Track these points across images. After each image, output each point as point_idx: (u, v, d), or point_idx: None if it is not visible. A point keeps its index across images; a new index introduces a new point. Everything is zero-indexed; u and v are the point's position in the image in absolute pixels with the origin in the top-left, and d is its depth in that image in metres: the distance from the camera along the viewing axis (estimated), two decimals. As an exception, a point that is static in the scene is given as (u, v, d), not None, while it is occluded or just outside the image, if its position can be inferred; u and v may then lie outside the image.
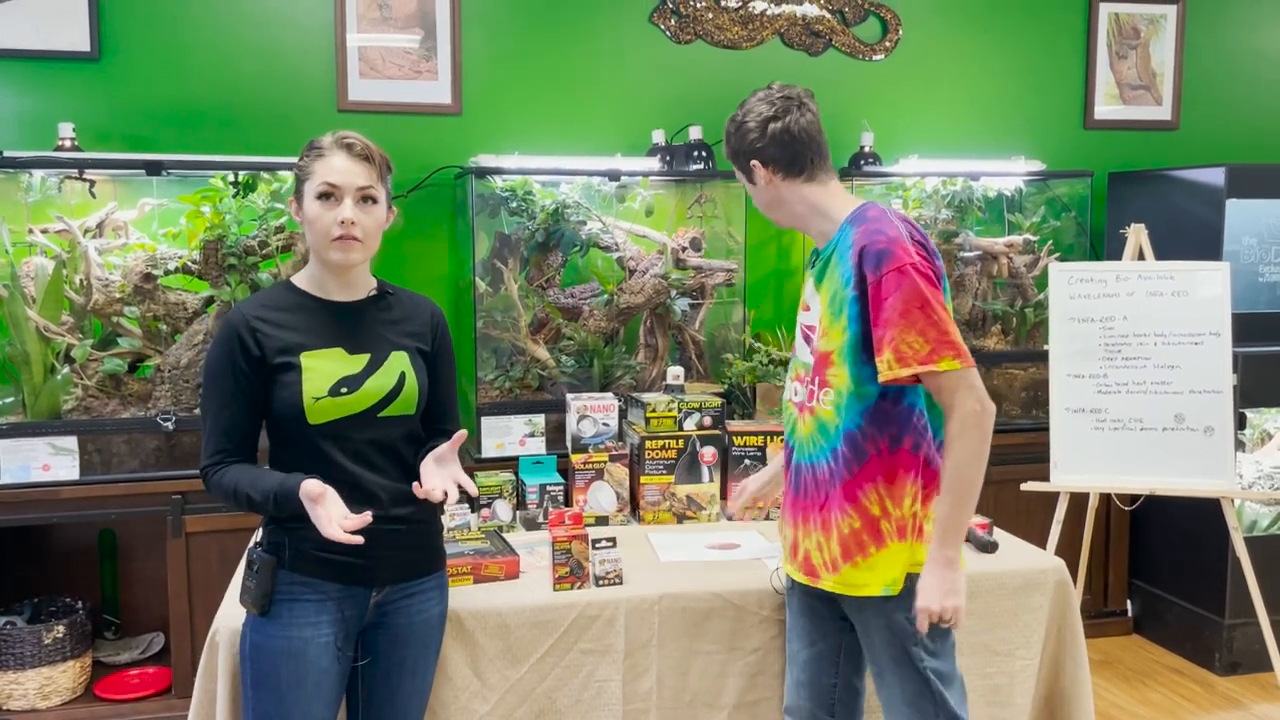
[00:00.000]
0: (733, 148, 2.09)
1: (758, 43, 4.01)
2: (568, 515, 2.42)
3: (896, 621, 1.98)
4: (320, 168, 1.90)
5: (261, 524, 1.97)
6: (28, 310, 3.11)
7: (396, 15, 3.66)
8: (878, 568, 1.97)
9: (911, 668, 1.99)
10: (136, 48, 3.49)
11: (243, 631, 1.95)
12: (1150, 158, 4.35)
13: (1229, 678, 3.70)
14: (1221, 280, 3.31)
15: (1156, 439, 3.35)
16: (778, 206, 2.09)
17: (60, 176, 3.21)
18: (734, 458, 2.94)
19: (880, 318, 1.89)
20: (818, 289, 2.05)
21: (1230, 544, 3.45)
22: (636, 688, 2.30)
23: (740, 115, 2.08)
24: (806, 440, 2.05)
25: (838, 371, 1.98)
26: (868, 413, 1.95)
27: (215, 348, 1.90)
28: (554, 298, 3.62)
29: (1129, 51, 4.37)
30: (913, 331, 1.87)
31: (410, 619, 1.99)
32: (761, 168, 2.04)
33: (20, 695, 3.11)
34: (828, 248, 2.04)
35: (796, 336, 2.15)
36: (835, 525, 1.99)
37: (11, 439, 3.06)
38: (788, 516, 2.13)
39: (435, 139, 3.71)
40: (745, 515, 2.79)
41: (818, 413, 2.02)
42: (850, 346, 1.95)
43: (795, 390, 2.11)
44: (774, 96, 2.06)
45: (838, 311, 1.97)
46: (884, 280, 1.88)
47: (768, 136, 2.03)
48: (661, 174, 3.71)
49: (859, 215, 2.00)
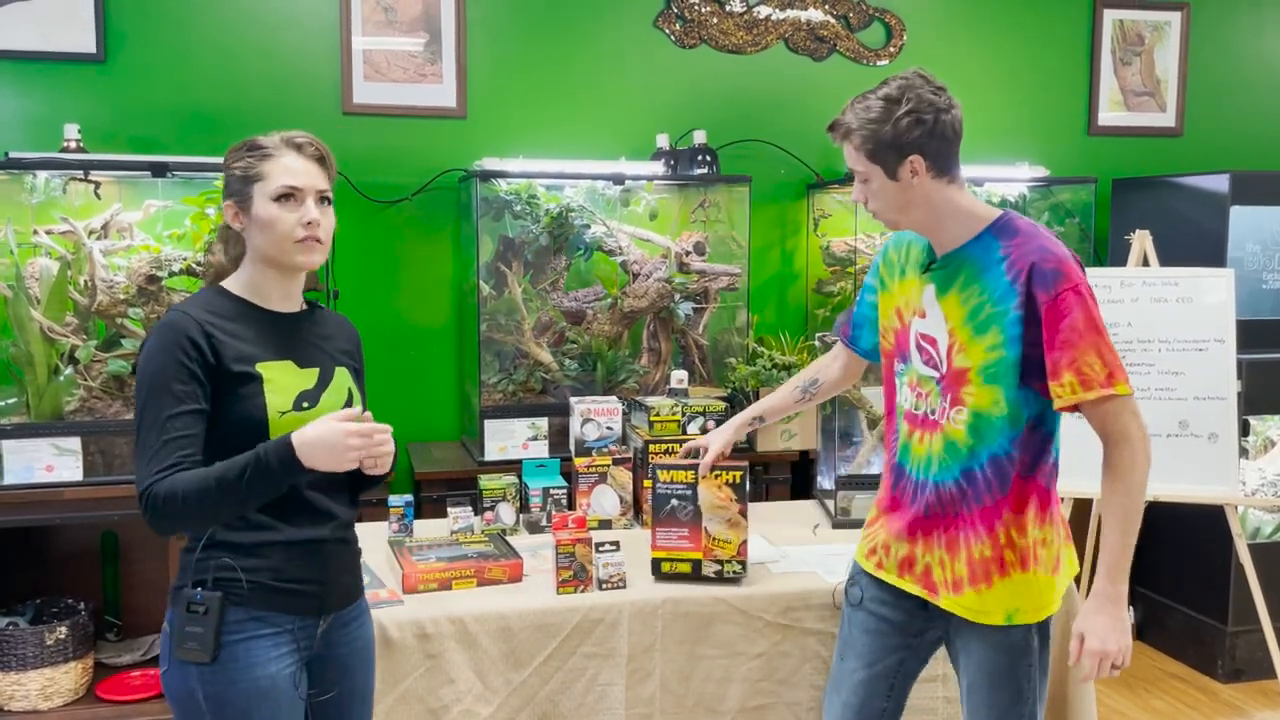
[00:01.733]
0: (882, 138, 1.84)
1: (762, 48, 4.01)
2: (571, 518, 2.41)
3: (1014, 651, 1.93)
4: (273, 169, 1.77)
5: (190, 562, 1.73)
6: (32, 311, 3.11)
7: (401, 18, 3.67)
8: (1002, 596, 1.90)
9: (1010, 697, 1.94)
10: (142, 50, 3.50)
11: (188, 688, 1.71)
12: (1154, 164, 4.35)
13: (1232, 685, 3.69)
14: (1226, 287, 3.31)
15: (1160, 445, 3.30)
16: (913, 207, 1.90)
17: (65, 178, 3.21)
18: (659, 496, 2.38)
19: (1057, 339, 1.79)
20: (940, 297, 1.92)
21: (1234, 551, 3.44)
22: (639, 692, 2.30)
23: (893, 104, 1.83)
24: (933, 457, 1.94)
25: (977, 391, 1.87)
26: (1018, 440, 1.86)
27: (160, 353, 1.69)
28: (558, 301, 3.62)
29: (1133, 58, 4.37)
30: (1092, 353, 1.79)
31: (351, 646, 1.88)
32: (921, 162, 1.84)
33: (22, 696, 3.10)
34: (957, 254, 1.91)
35: (910, 345, 1.99)
36: (965, 546, 1.91)
37: (15, 440, 3.06)
38: (898, 529, 2.00)
39: (440, 142, 3.71)
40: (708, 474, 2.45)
41: (947, 431, 1.91)
42: (1007, 368, 1.84)
43: (908, 398, 2.00)
44: (936, 85, 1.86)
45: (981, 328, 1.86)
46: (1059, 301, 1.79)
47: (938, 130, 1.84)
48: (665, 178, 3.71)
49: (1006, 225, 1.88)
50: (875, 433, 3.02)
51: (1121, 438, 1.83)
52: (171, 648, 1.71)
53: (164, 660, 1.75)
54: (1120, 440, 1.83)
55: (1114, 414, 1.82)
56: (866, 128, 1.85)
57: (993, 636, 1.93)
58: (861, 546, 2.11)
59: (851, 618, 2.11)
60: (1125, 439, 1.83)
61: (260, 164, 1.78)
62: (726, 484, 2.34)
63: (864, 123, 1.86)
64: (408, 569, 2.34)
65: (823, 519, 2.92)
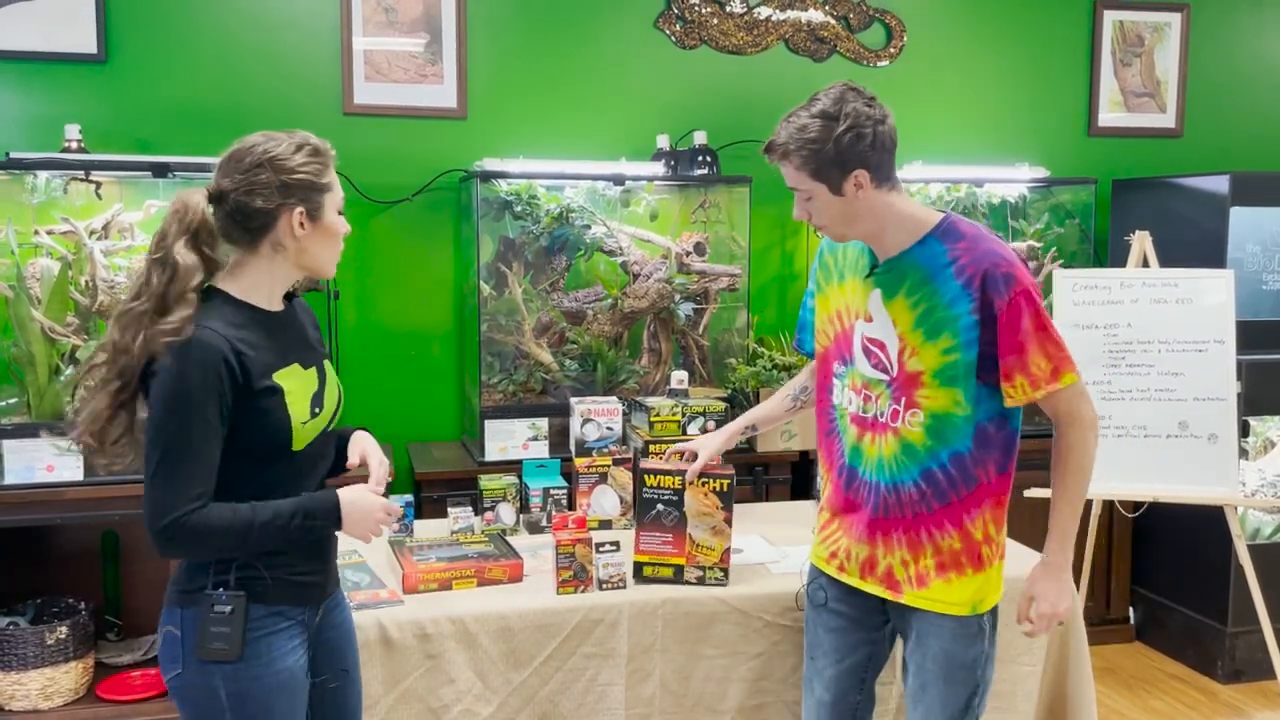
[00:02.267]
0: (825, 156, 1.85)
1: (762, 49, 4.02)
2: (571, 519, 2.42)
3: (970, 640, 1.98)
4: (334, 179, 1.76)
5: (208, 564, 1.72)
6: (33, 311, 3.11)
7: (402, 19, 3.67)
8: (970, 589, 1.96)
9: (963, 688, 1.99)
10: (143, 50, 3.50)
11: (209, 687, 1.71)
12: (1154, 165, 4.35)
13: (1231, 686, 3.70)
14: (1226, 288, 3.31)
15: (1160, 446, 3.34)
16: (858, 219, 1.92)
17: (66, 178, 3.22)
18: (644, 500, 2.37)
19: (1013, 342, 1.85)
20: (887, 302, 1.94)
21: (1233, 551, 3.45)
22: (639, 692, 2.30)
23: (845, 119, 1.83)
24: (888, 460, 1.96)
25: (933, 394, 1.91)
26: (976, 437, 1.92)
27: (195, 375, 1.62)
28: (558, 302, 3.63)
29: (1133, 59, 4.38)
30: (1039, 354, 1.86)
31: (336, 629, 1.91)
32: (865, 175, 1.86)
33: (23, 696, 3.11)
34: (901, 259, 1.93)
35: (853, 348, 2.02)
36: (930, 543, 1.96)
37: (16, 439, 3.07)
38: (858, 533, 2.02)
39: (440, 143, 3.71)
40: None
41: (903, 434, 1.94)
42: (964, 369, 1.89)
43: (851, 400, 2.02)
44: (868, 97, 1.88)
45: (933, 332, 1.89)
46: (1012, 305, 1.84)
47: (878, 141, 1.85)
48: (666, 179, 3.72)
49: (950, 229, 1.91)
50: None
51: (1072, 421, 1.94)
52: (188, 649, 1.71)
53: (175, 662, 1.73)
54: (1071, 423, 1.94)
55: (1064, 401, 1.92)
56: (807, 147, 1.86)
57: (953, 627, 1.98)
58: (819, 550, 2.14)
59: (816, 618, 2.16)
60: (1076, 421, 1.94)
61: (326, 172, 1.76)
62: (713, 491, 2.35)
63: (803, 143, 1.86)
64: (408, 569, 2.34)
65: (823, 519, 2.92)
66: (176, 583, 1.75)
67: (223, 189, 1.71)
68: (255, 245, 1.73)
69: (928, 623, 2.00)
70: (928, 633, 2.00)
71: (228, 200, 1.71)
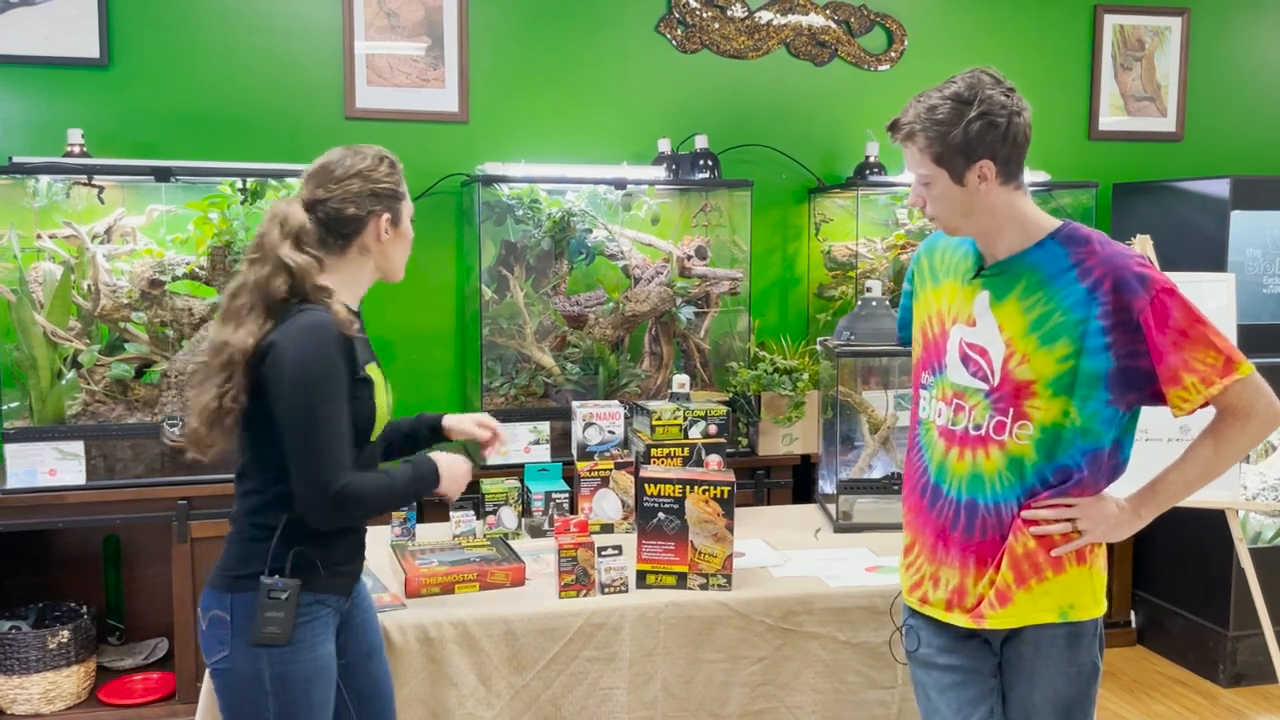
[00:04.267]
0: (951, 142, 1.75)
1: (764, 53, 4.02)
2: (573, 522, 2.42)
3: (1076, 662, 1.83)
4: (407, 190, 1.98)
5: (263, 551, 1.82)
6: (35, 315, 3.12)
7: (404, 23, 3.68)
8: (1054, 592, 1.81)
9: (1074, 715, 1.84)
10: (146, 55, 3.51)
11: (255, 670, 1.81)
12: (1154, 169, 4.36)
13: (1233, 690, 3.70)
14: (1227, 292, 3.31)
15: (1160, 450, 3.33)
16: (976, 213, 1.81)
17: (68, 182, 3.23)
18: (645, 509, 2.36)
19: (1167, 344, 1.71)
20: (996, 305, 1.83)
21: (1235, 555, 3.45)
22: (641, 695, 2.30)
23: (979, 104, 1.73)
24: (985, 476, 1.82)
25: (1045, 405, 1.77)
26: (1091, 454, 1.80)
27: (327, 352, 1.78)
28: (560, 305, 3.63)
29: (1134, 63, 4.38)
30: (1204, 348, 1.72)
31: (360, 609, 2.04)
32: (991, 167, 1.76)
33: (24, 700, 3.11)
34: (1016, 261, 1.82)
35: (946, 355, 1.89)
36: (1008, 549, 1.81)
37: (18, 444, 3.07)
38: (948, 557, 1.87)
39: (442, 147, 3.72)
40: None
41: (1009, 448, 1.80)
42: (1081, 379, 1.76)
43: (941, 413, 1.89)
44: (1007, 86, 1.76)
45: (1049, 338, 1.77)
46: (1156, 304, 1.72)
47: (1010, 134, 1.75)
48: (667, 182, 3.72)
49: (1074, 234, 1.81)
50: (876, 437, 3.03)
51: (1243, 414, 1.77)
52: (237, 632, 1.80)
53: (222, 645, 1.82)
54: (1240, 416, 1.77)
55: (1238, 394, 1.75)
56: (933, 129, 1.75)
57: (1050, 639, 1.82)
58: (905, 579, 1.98)
59: (923, 678, 1.96)
60: (1247, 415, 1.76)
61: (402, 183, 1.96)
62: (714, 498, 2.35)
63: (930, 124, 1.75)
64: (410, 573, 2.34)
65: (824, 523, 2.92)
66: (226, 569, 1.85)
67: (316, 198, 1.88)
68: (345, 249, 1.90)
69: (1027, 647, 1.84)
70: (1026, 659, 1.84)
71: (322, 208, 1.87)
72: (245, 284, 1.83)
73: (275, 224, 1.85)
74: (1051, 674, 1.84)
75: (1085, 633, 1.84)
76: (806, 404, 3.60)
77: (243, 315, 1.81)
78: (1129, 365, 1.75)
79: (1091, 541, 1.83)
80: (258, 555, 1.82)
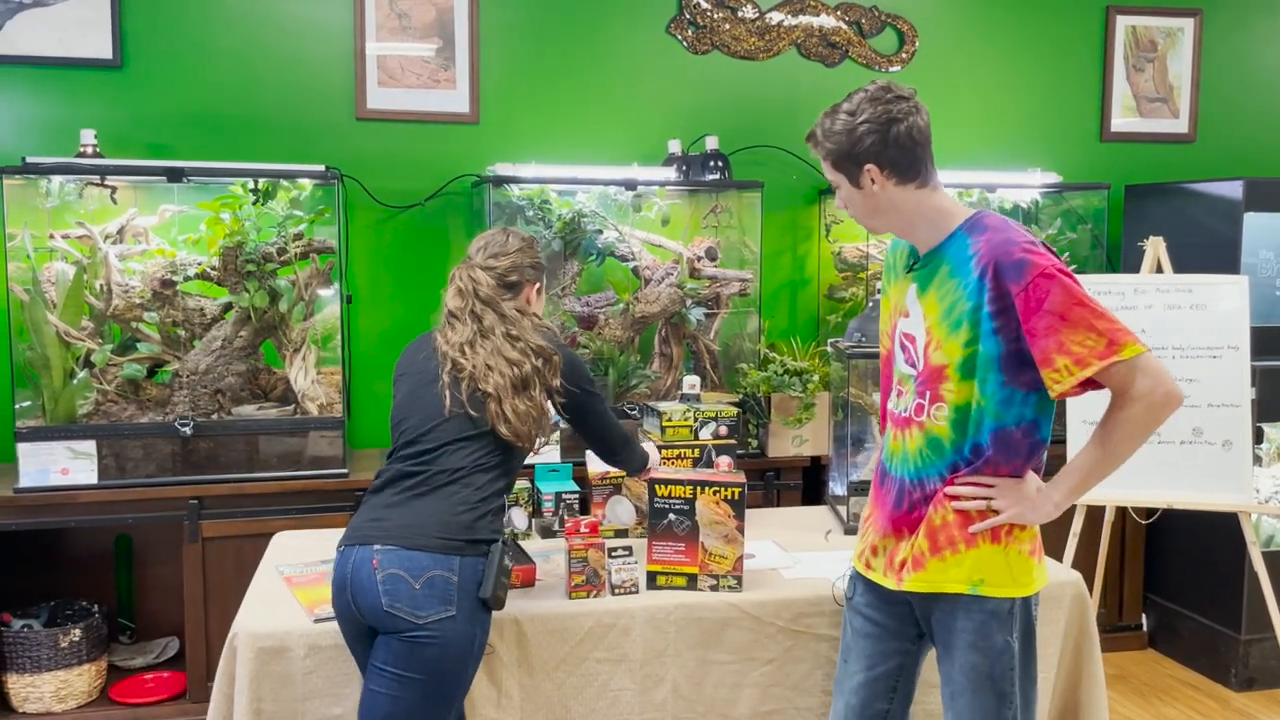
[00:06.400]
0: (840, 150, 1.93)
1: (774, 54, 4.02)
2: (584, 523, 2.42)
3: (989, 638, 1.91)
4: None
5: (486, 524, 2.06)
6: (48, 315, 3.13)
7: (415, 24, 3.68)
8: (965, 564, 1.91)
9: (991, 692, 1.92)
10: (158, 56, 3.52)
11: (472, 633, 2.01)
12: (1167, 171, 4.34)
13: (1245, 693, 3.68)
14: (1240, 293, 3.30)
15: (1174, 452, 3.33)
16: (881, 212, 1.96)
17: (81, 183, 3.24)
18: (656, 510, 2.38)
19: (1039, 326, 1.80)
20: (920, 296, 1.96)
21: (1247, 559, 3.43)
22: (651, 697, 2.30)
23: (851, 117, 1.91)
24: (911, 454, 1.97)
25: (955, 387, 1.90)
26: (1000, 434, 1.89)
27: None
28: (570, 306, 3.63)
29: (1146, 64, 4.37)
30: (1081, 330, 1.79)
31: None
32: (877, 171, 1.91)
33: (36, 698, 3.12)
34: (934, 254, 1.95)
35: (893, 344, 2.05)
36: (927, 519, 1.93)
37: (31, 443, 3.08)
38: (883, 528, 2.03)
39: (452, 147, 3.72)
40: None
41: (928, 428, 1.94)
42: (982, 362, 1.86)
43: (894, 400, 2.04)
44: (888, 97, 1.90)
45: (954, 325, 1.89)
46: (1031, 289, 1.80)
47: (889, 140, 1.89)
48: (678, 184, 3.72)
49: (977, 223, 1.92)
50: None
51: (1125, 395, 1.83)
52: (464, 593, 1.98)
53: (448, 604, 1.97)
54: (1123, 397, 1.83)
55: (1119, 375, 1.81)
56: (829, 140, 1.95)
57: (964, 609, 1.92)
58: (856, 546, 2.15)
59: (851, 620, 2.14)
60: (1129, 396, 1.82)
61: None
62: (725, 500, 2.36)
63: (827, 135, 1.95)
64: (421, 573, 2.34)
65: (835, 525, 2.91)
66: (454, 531, 2.02)
67: (493, 267, 2.25)
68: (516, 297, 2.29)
69: (941, 612, 1.95)
70: (943, 626, 1.96)
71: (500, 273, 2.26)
72: (503, 319, 2.26)
73: (476, 283, 2.28)
74: (964, 647, 1.94)
75: (999, 611, 1.92)
76: (817, 406, 3.59)
77: (520, 342, 2.23)
78: (1016, 348, 1.85)
79: (1008, 521, 1.91)
80: (487, 522, 2.06)
